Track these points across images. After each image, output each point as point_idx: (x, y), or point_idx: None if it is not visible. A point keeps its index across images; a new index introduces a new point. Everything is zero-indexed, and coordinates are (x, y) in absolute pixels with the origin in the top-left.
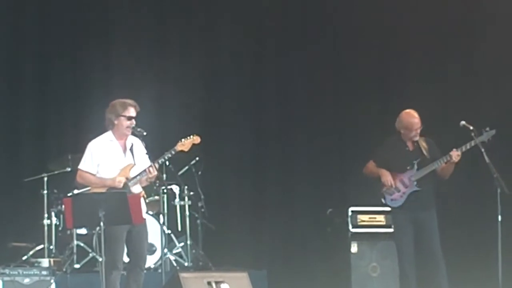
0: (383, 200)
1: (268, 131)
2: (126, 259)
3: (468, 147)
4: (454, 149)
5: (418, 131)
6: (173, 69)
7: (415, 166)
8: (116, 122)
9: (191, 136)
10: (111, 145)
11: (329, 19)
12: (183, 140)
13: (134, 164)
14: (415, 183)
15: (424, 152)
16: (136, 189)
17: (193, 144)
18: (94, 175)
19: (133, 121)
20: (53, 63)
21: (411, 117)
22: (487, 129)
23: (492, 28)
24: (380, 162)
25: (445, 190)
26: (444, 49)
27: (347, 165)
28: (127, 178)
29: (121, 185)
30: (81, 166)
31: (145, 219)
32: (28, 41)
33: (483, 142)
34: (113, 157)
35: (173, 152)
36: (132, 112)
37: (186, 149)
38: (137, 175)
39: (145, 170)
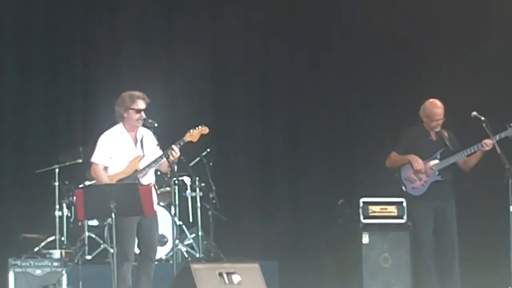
0: (403, 188)
1: (278, 122)
2: (137, 250)
3: (503, 136)
4: (487, 139)
5: (440, 122)
6: (183, 61)
7: (438, 156)
8: (125, 115)
9: (200, 127)
10: (122, 137)
11: (338, 16)
12: (191, 130)
13: (143, 156)
14: (437, 173)
15: (447, 142)
16: (146, 180)
17: (202, 135)
18: (106, 167)
19: (142, 114)
20: (63, 55)
21: (435, 107)
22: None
23: (496, 23)
24: (403, 152)
25: (456, 181)
26: (454, 44)
27: (358, 155)
28: (136, 170)
29: None
30: (94, 159)
31: (155, 210)
32: (38, 34)
33: (507, 137)
34: (124, 149)
35: (181, 143)
36: (140, 104)
37: (194, 140)
38: (148, 165)
39: (157, 159)
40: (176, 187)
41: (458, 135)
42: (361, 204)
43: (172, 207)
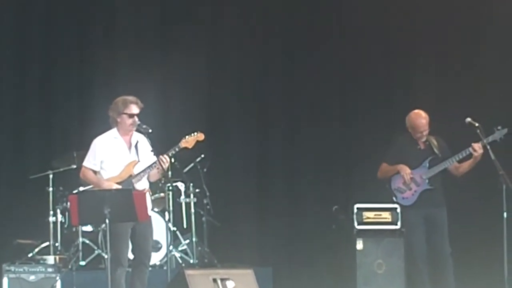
0: (394, 199)
1: (273, 128)
2: (131, 256)
3: (490, 139)
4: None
5: (425, 133)
6: (178, 66)
7: (427, 165)
8: (118, 120)
9: (195, 133)
10: (115, 142)
11: (338, 17)
12: (187, 137)
13: (138, 161)
14: (427, 181)
15: (435, 150)
16: (140, 185)
17: (197, 141)
18: (96, 172)
19: (136, 118)
20: (58, 60)
21: (419, 117)
22: (499, 127)
23: (496, 25)
24: (393, 162)
25: (450, 187)
26: (449, 47)
27: (352, 162)
28: (130, 175)
29: None
30: (85, 163)
31: (150, 216)
32: (33, 39)
33: (495, 141)
34: (118, 154)
35: (177, 149)
36: (134, 109)
37: (190, 146)
38: (143, 170)
39: (151, 165)
40: (170, 193)
41: (457, 137)
42: (355, 210)
43: (166, 213)
